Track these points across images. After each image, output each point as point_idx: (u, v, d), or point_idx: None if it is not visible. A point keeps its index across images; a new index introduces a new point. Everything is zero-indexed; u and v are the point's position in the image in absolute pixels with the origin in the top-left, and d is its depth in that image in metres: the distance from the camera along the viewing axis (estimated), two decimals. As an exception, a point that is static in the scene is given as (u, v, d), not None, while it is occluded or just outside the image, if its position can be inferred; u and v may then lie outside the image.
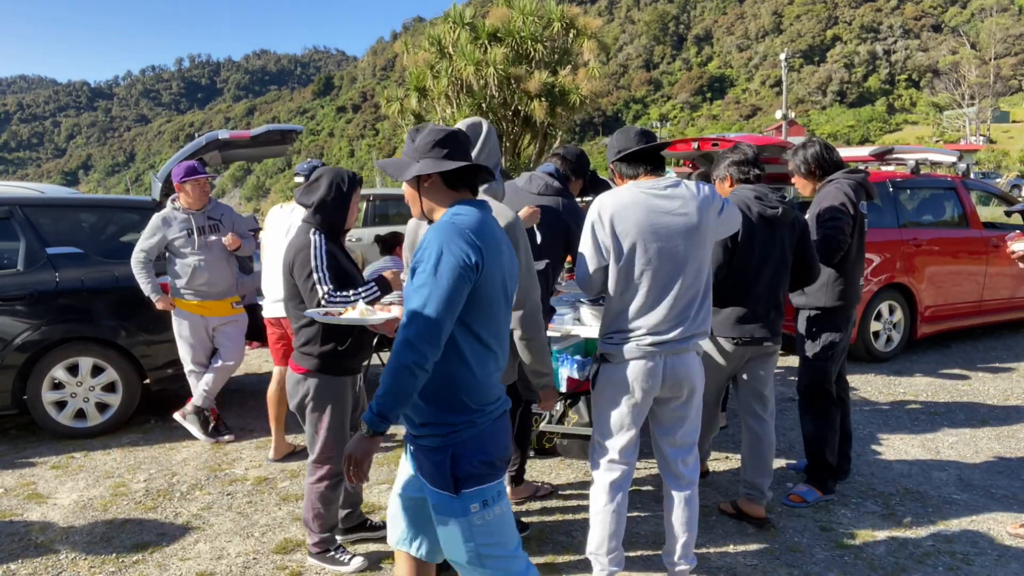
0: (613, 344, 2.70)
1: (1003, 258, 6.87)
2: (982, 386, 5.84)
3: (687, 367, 2.71)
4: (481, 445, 1.97)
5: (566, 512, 3.63)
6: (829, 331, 3.71)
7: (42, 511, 3.76)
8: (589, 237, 2.68)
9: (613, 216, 2.63)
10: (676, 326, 2.65)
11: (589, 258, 2.69)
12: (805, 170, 3.80)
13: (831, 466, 3.72)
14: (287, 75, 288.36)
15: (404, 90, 15.02)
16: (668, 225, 2.62)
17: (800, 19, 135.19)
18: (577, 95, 13.54)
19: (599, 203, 2.68)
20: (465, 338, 1.96)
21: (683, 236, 2.63)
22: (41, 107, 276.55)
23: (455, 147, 2.07)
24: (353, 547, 3.26)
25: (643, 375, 2.65)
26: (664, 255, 2.62)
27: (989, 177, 36.27)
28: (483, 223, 2.00)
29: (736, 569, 3.07)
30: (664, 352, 2.66)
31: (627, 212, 2.62)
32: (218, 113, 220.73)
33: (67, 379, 4.79)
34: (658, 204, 2.63)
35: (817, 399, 3.72)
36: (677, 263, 2.63)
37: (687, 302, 2.67)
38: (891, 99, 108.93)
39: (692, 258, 2.65)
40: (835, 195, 3.63)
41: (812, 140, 3.86)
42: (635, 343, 2.65)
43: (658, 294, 2.64)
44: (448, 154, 2.06)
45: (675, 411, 2.78)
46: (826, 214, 3.62)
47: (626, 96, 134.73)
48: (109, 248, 5.09)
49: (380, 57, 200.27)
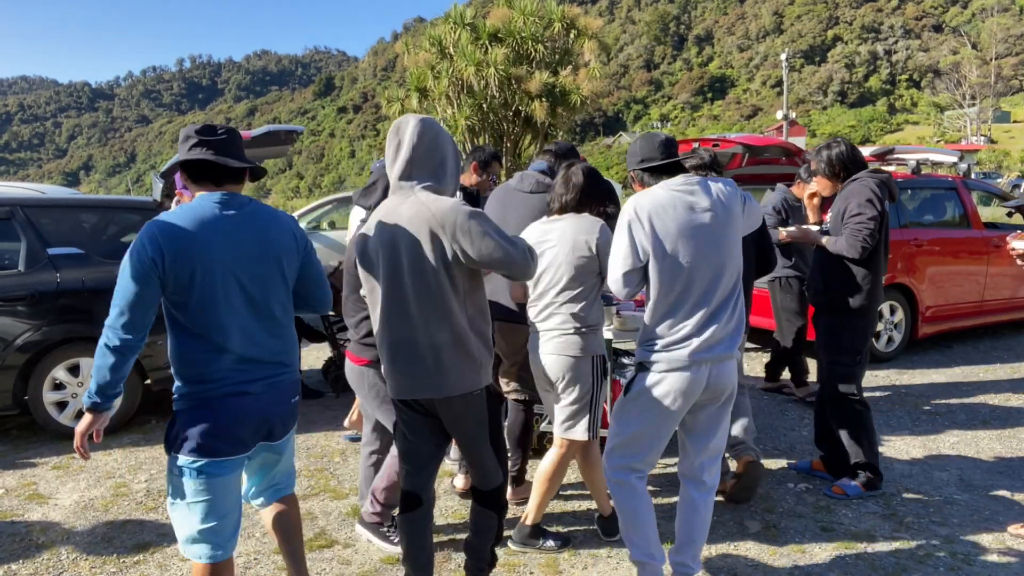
0: (657, 352, 2.56)
1: (1004, 258, 6.87)
2: (983, 386, 5.83)
3: (729, 373, 2.62)
4: (193, 418, 2.16)
5: (567, 512, 3.63)
6: (856, 333, 3.66)
7: (43, 511, 3.76)
8: (625, 236, 2.54)
9: (651, 215, 2.51)
10: (721, 331, 2.54)
11: (623, 258, 2.54)
12: (829, 171, 3.73)
13: (872, 465, 3.71)
14: (288, 75, 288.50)
15: (405, 91, 15.01)
16: (704, 224, 2.52)
17: (801, 19, 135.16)
18: (578, 95, 13.53)
19: (635, 202, 2.56)
20: (173, 324, 2.19)
21: (719, 235, 2.54)
22: (42, 108, 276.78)
23: (196, 141, 2.21)
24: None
25: (689, 385, 2.53)
26: (704, 256, 2.52)
27: (990, 177, 36.27)
28: (196, 218, 2.14)
29: (737, 569, 3.07)
30: (712, 360, 2.54)
31: (665, 211, 2.51)
32: (219, 114, 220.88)
33: (68, 379, 4.79)
34: (692, 202, 2.54)
35: (848, 403, 3.67)
36: (717, 264, 2.54)
37: (730, 304, 2.57)
38: (892, 99, 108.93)
39: (729, 257, 2.57)
40: (861, 191, 3.57)
41: (837, 140, 3.79)
42: (682, 351, 2.51)
43: (701, 297, 2.53)
44: (190, 147, 2.22)
45: (711, 417, 2.68)
46: (854, 210, 3.55)
47: (627, 96, 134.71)
48: (110, 248, 5.09)
49: (381, 57, 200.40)
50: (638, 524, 2.70)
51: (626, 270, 2.54)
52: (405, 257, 2.33)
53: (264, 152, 6.08)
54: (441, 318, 2.33)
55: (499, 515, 2.62)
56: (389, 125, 2.84)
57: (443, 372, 2.36)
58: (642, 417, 2.62)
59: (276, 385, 2.29)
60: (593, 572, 3.07)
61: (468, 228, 2.27)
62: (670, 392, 2.54)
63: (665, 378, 2.54)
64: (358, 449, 4.58)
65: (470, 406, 2.43)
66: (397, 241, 2.34)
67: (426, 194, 2.35)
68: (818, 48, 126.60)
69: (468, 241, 2.27)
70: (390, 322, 2.40)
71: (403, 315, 2.37)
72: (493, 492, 2.59)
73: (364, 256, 2.44)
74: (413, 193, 2.36)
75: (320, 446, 4.67)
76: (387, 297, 2.38)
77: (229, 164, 2.22)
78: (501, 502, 2.61)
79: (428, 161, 2.38)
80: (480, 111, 13.71)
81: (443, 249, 2.29)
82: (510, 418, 3.63)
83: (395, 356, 2.41)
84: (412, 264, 2.32)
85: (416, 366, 2.38)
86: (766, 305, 5.70)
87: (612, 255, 2.59)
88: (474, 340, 2.39)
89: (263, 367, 2.24)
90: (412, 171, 2.37)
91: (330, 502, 3.80)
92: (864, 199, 3.55)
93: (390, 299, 2.38)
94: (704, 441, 2.71)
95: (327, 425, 5.08)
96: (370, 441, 3.41)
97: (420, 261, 2.31)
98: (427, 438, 2.54)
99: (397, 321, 2.38)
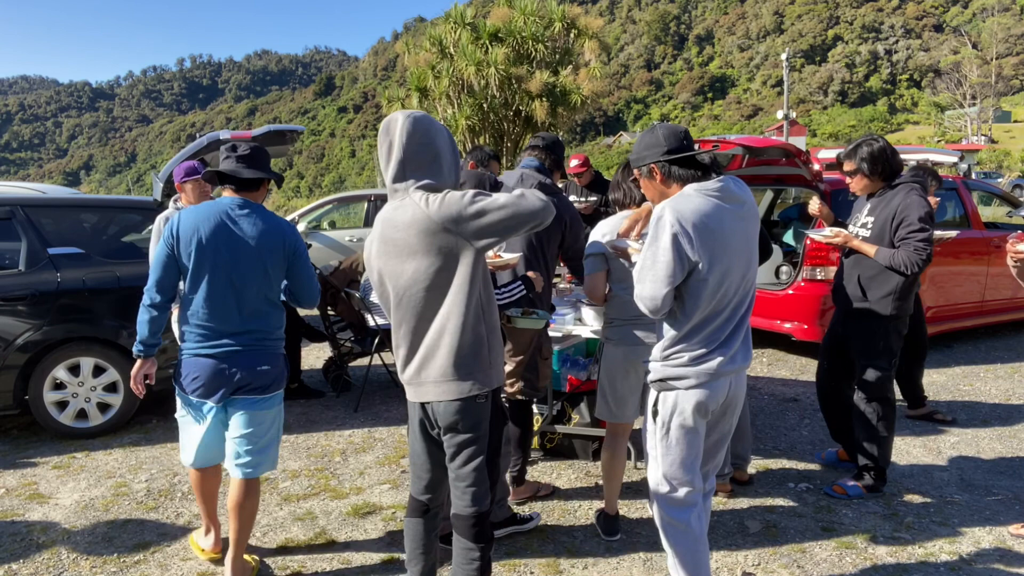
0: (684, 367, 2.40)
1: (1005, 258, 6.86)
2: (983, 386, 5.83)
3: (743, 383, 2.56)
4: (178, 368, 2.93)
5: (567, 512, 3.63)
6: (892, 337, 3.67)
7: (44, 511, 3.76)
8: (669, 250, 2.26)
9: (697, 227, 2.28)
10: (745, 342, 2.46)
11: (667, 276, 2.28)
12: (869, 169, 3.64)
13: (881, 469, 3.75)
14: (288, 75, 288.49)
15: (405, 90, 15.02)
16: (737, 231, 2.37)
17: (801, 19, 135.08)
18: (578, 95, 13.53)
19: (677, 212, 2.28)
20: (184, 290, 2.88)
21: (748, 240, 2.42)
22: (43, 107, 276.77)
23: (226, 155, 2.90)
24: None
25: (713, 398, 2.42)
26: (738, 265, 2.37)
27: (990, 177, 36.22)
28: (207, 211, 2.80)
29: (737, 569, 3.07)
30: (734, 372, 2.45)
31: (708, 220, 2.30)
32: (219, 113, 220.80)
33: (69, 379, 4.79)
34: (731, 209, 2.36)
35: (884, 406, 3.69)
36: (748, 272, 2.41)
37: (748, 310, 2.47)
38: (892, 99, 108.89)
39: (754, 262, 2.45)
40: (919, 203, 3.52)
41: (874, 137, 3.71)
42: (711, 363, 2.38)
43: (733, 310, 2.40)
44: (223, 159, 2.92)
45: (722, 428, 2.59)
46: (914, 224, 3.50)
47: (627, 96, 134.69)
48: (111, 248, 5.10)
49: (381, 57, 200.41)
50: (688, 562, 2.51)
51: (668, 288, 2.30)
52: (410, 266, 2.25)
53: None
54: (449, 318, 2.26)
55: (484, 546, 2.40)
56: (390, 125, 2.80)
57: (446, 374, 2.30)
58: (681, 441, 2.46)
59: (240, 352, 2.85)
60: (593, 572, 3.07)
61: (477, 210, 2.18)
62: (700, 406, 2.41)
63: (694, 393, 2.40)
64: (358, 449, 4.58)
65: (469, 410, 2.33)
66: (400, 250, 2.26)
67: (420, 194, 2.24)
68: (819, 48, 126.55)
69: (485, 221, 2.18)
70: (403, 329, 2.34)
71: (421, 320, 2.29)
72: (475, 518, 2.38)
73: (370, 268, 2.39)
74: (408, 195, 2.26)
75: (320, 446, 4.67)
76: (397, 307, 2.33)
77: (240, 174, 2.86)
78: (486, 532, 2.40)
79: (422, 158, 2.27)
80: (480, 111, 13.71)
81: (453, 245, 2.20)
82: (511, 417, 3.63)
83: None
84: (417, 270, 2.25)
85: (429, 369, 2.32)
86: (766, 305, 5.68)
87: (649, 268, 2.32)
88: (485, 340, 2.31)
89: (232, 337, 2.84)
90: (406, 171, 2.27)
91: (330, 502, 3.80)
92: (924, 212, 3.50)
93: (400, 308, 2.33)
94: (713, 452, 2.64)
95: (327, 425, 5.08)
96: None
97: (424, 268, 2.23)
98: (436, 443, 2.46)
99: (408, 328, 2.33)
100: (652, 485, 2.54)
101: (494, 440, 2.41)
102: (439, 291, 2.25)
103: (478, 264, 2.27)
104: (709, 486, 2.71)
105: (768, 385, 5.93)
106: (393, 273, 2.29)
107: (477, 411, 2.33)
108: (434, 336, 2.28)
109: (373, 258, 2.36)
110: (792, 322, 6.35)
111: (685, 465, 2.47)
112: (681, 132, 2.46)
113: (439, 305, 2.26)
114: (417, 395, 2.37)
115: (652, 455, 2.53)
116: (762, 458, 4.30)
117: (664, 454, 2.48)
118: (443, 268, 2.23)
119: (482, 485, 2.36)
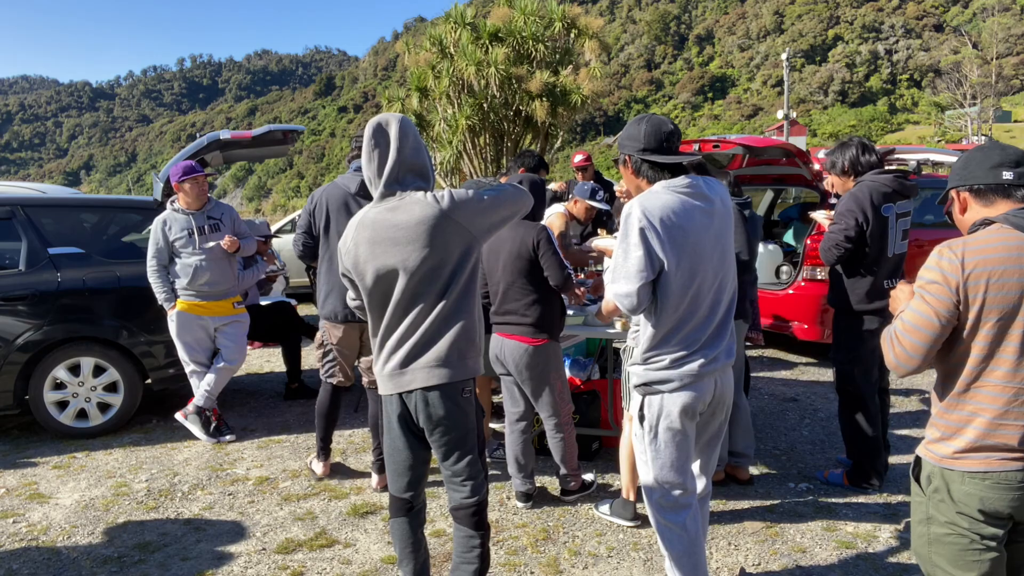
0: (665, 369, 2.37)
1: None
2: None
3: (731, 382, 2.53)
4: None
5: (567, 512, 3.63)
6: (851, 333, 3.74)
7: (44, 511, 3.76)
8: (640, 247, 2.25)
9: (664, 222, 2.27)
10: (727, 339, 2.44)
11: (638, 271, 2.26)
12: (839, 169, 3.82)
13: (860, 465, 3.81)
14: (289, 75, 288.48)
15: (405, 90, 15.00)
16: (711, 229, 2.35)
17: (802, 19, 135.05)
18: (579, 95, 13.50)
19: (644, 208, 2.27)
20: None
21: (724, 239, 2.40)
22: (43, 107, 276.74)
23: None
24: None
25: (699, 398, 2.39)
26: (712, 263, 2.35)
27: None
28: None
29: (737, 569, 3.07)
30: (719, 371, 2.43)
31: (678, 217, 2.28)
32: (220, 113, 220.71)
33: (69, 379, 4.79)
34: (700, 206, 2.34)
35: (848, 399, 3.79)
36: (722, 270, 2.39)
37: (732, 310, 2.46)
38: (893, 99, 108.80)
39: (730, 262, 2.44)
40: (847, 200, 3.68)
41: (851, 140, 3.86)
42: (692, 364, 2.36)
43: (710, 308, 2.37)
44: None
45: (713, 429, 2.58)
46: (835, 218, 3.71)
47: (628, 96, 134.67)
48: (111, 248, 5.10)
49: (381, 57, 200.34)
50: (683, 564, 2.49)
51: (641, 283, 2.27)
52: (416, 263, 2.26)
53: (265, 152, 6.07)
54: (455, 310, 2.31)
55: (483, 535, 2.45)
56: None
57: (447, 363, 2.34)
58: (669, 444, 2.44)
59: None
60: (594, 572, 3.07)
61: (486, 206, 2.33)
62: (687, 408, 2.39)
63: (678, 396, 2.37)
64: (358, 449, 4.58)
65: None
66: (404, 247, 2.27)
67: (421, 193, 2.29)
68: (819, 48, 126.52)
69: (496, 216, 2.35)
70: (395, 323, 2.35)
71: (421, 313, 2.31)
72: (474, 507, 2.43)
73: (356, 269, 2.37)
74: (407, 195, 2.29)
75: (321, 446, 4.66)
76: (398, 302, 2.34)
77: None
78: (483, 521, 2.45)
79: (416, 161, 2.33)
80: (481, 111, 13.69)
81: (463, 238, 2.28)
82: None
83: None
84: (426, 264, 2.26)
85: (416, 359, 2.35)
86: (766, 305, 5.69)
87: (621, 266, 2.31)
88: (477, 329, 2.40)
89: None
90: (401, 173, 2.31)
91: (330, 502, 3.80)
92: (846, 208, 3.65)
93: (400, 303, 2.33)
94: (707, 452, 2.64)
95: (328, 425, 5.07)
96: (559, 427, 3.61)
97: (435, 264, 2.26)
98: (418, 437, 2.46)
99: (406, 322, 2.33)
100: (644, 489, 2.54)
101: (479, 431, 2.46)
102: (445, 282, 2.30)
103: (479, 254, 2.40)
104: (705, 488, 2.70)
105: (768, 385, 5.93)
106: (395, 270, 2.29)
107: (464, 405, 2.36)
108: (437, 325, 2.30)
109: (363, 261, 2.33)
110: (793, 322, 6.36)
111: (676, 468, 2.45)
112: (664, 134, 2.39)
113: (444, 295, 2.30)
114: (399, 385, 2.34)
115: (642, 459, 2.51)
116: (762, 458, 4.30)
117: (654, 458, 2.47)
118: (450, 260, 2.29)
119: (478, 476, 2.43)
